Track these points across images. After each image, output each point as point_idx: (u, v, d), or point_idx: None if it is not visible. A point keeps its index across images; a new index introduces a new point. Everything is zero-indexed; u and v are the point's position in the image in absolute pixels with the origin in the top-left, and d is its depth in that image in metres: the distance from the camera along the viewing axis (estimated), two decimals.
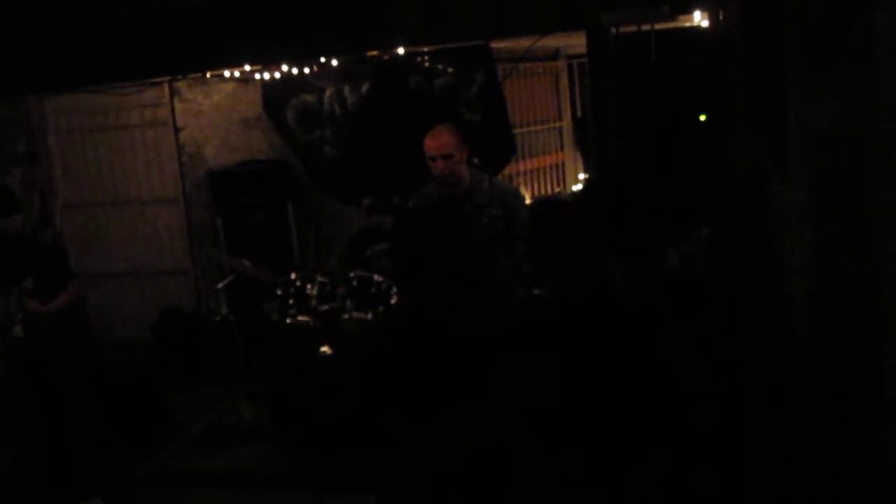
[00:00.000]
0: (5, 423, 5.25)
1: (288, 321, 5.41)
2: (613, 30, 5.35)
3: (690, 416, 3.12)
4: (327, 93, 7.44)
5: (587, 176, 8.09)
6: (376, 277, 5.29)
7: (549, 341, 3.17)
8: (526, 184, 8.43)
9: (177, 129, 8.26)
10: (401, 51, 6.43)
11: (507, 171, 7.74)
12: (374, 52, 6.77)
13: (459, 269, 5.02)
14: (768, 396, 3.51)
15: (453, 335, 3.59)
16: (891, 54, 2.33)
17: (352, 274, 5.35)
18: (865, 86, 2.44)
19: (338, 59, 6.89)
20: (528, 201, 7.97)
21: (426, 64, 7.07)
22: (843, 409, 2.68)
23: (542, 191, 8.62)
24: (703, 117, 5.21)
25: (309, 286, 5.42)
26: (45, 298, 5.55)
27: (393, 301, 5.24)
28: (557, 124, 8.93)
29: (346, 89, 7.37)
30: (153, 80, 7.72)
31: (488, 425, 3.35)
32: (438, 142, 5.11)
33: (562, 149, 9.00)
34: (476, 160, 5.38)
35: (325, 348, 5.38)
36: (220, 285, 6.77)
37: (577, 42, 7.05)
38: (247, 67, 6.98)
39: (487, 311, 4.03)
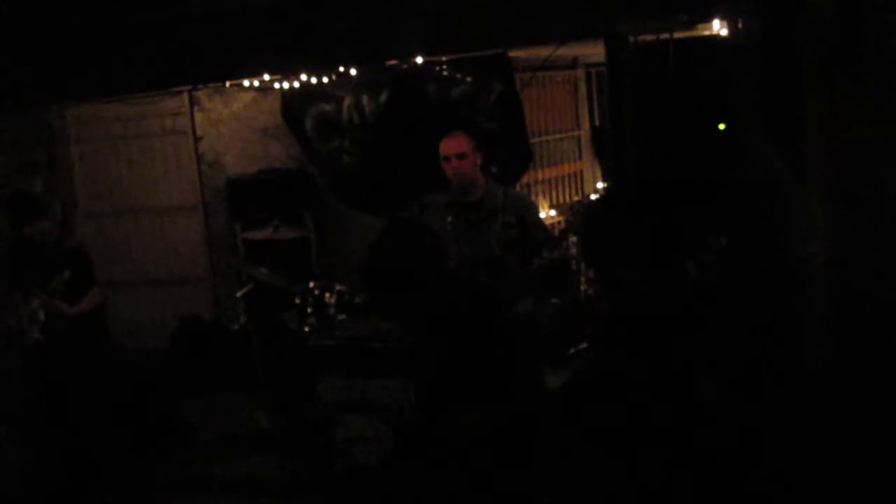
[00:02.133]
0: (20, 427, 5.29)
1: (306, 330, 5.42)
2: (632, 39, 5.34)
3: (702, 421, 3.11)
4: (346, 102, 7.44)
5: (605, 185, 8.08)
6: None
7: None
8: (544, 192, 8.41)
9: (196, 138, 8.30)
10: (419, 60, 6.44)
11: (525, 179, 7.73)
12: (393, 62, 6.78)
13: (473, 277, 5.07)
14: (783, 402, 3.48)
15: None
16: None
17: None
18: (881, 93, 2.42)
19: (356, 68, 6.91)
20: (551, 211, 8.01)
21: (444, 73, 7.06)
22: (861, 415, 2.66)
23: (561, 199, 8.59)
24: (721, 126, 5.19)
25: (327, 295, 5.42)
26: (69, 300, 5.61)
27: None
28: (576, 133, 8.91)
29: (365, 98, 7.38)
30: (173, 90, 7.77)
31: None
32: (452, 141, 5.25)
33: (580, 157, 8.97)
34: (494, 169, 5.40)
35: None
36: (238, 294, 6.78)
37: (595, 51, 7.04)
38: (266, 77, 7.01)
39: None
